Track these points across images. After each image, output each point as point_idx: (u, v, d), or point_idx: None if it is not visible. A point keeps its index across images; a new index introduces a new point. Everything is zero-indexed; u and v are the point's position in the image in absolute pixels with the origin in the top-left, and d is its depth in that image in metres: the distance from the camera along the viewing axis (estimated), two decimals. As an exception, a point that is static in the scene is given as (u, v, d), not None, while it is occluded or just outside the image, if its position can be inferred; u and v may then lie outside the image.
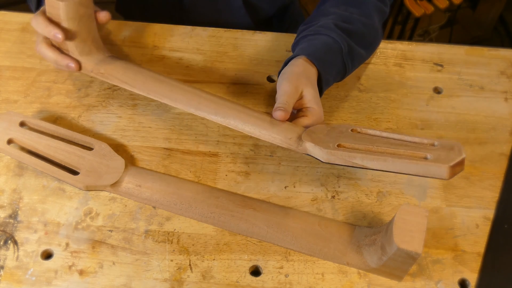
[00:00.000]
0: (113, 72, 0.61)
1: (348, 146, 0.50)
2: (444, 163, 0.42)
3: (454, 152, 0.43)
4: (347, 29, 0.62)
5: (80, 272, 0.53)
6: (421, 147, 0.47)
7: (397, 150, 0.46)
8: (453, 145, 0.45)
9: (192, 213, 0.57)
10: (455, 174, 0.42)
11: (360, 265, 0.54)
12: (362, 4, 0.65)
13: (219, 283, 0.53)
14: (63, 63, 0.60)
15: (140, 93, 0.60)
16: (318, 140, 0.51)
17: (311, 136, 0.53)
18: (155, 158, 0.62)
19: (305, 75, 0.57)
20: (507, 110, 0.69)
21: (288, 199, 0.59)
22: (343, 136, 0.51)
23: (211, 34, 0.76)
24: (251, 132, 0.55)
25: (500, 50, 0.76)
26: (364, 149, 0.49)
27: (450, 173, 0.42)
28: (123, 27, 0.76)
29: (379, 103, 0.69)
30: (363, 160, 0.47)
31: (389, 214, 0.58)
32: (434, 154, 0.44)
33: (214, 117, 0.56)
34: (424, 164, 0.43)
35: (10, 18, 0.76)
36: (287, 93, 0.55)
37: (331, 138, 0.51)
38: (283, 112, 0.54)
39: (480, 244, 0.57)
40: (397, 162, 0.45)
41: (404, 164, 0.45)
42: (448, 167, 0.42)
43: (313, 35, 0.62)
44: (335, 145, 0.50)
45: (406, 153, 0.46)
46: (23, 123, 0.62)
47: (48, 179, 0.59)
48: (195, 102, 0.58)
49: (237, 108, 0.57)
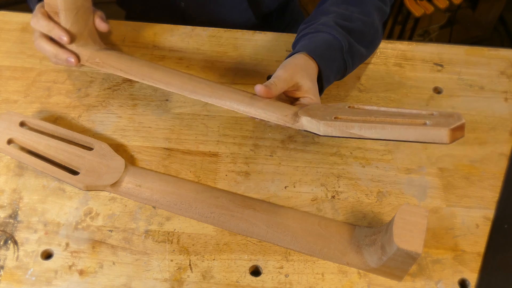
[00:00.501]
0: (108, 61, 0.61)
1: (345, 118, 0.48)
2: (444, 127, 0.41)
3: (454, 118, 0.43)
4: (347, 27, 0.62)
5: (80, 272, 0.53)
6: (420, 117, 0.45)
7: (395, 119, 0.45)
8: (452, 113, 0.44)
9: (192, 213, 0.57)
10: (456, 139, 0.42)
11: (360, 265, 0.54)
12: (362, 3, 0.65)
13: (219, 283, 0.53)
14: (63, 57, 0.61)
15: (135, 79, 0.59)
16: (314, 115, 0.50)
17: (308, 112, 0.51)
18: (155, 158, 0.62)
19: (305, 69, 0.57)
20: (507, 110, 0.69)
21: (288, 199, 0.59)
22: (340, 111, 0.50)
23: (211, 34, 0.76)
24: (247, 111, 0.54)
25: (500, 50, 0.76)
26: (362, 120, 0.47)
27: (450, 136, 0.41)
28: (123, 27, 0.76)
29: (379, 103, 0.69)
30: (361, 129, 0.45)
31: (389, 214, 0.58)
32: (433, 121, 0.43)
33: (209, 99, 0.56)
34: (424, 128, 0.42)
35: (10, 18, 0.76)
36: (279, 76, 0.54)
37: (328, 114, 0.50)
38: (264, 87, 0.52)
39: (480, 244, 0.57)
40: (395, 129, 0.44)
41: (403, 130, 0.43)
42: (448, 129, 0.41)
43: (314, 32, 0.62)
44: (332, 118, 0.48)
45: (404, 121, 0.45)
46: (23, 123, 0.62)
47: (48, 179, 0.59)
48: (190, 86, 0.57)
49: (232, 90, 0.56)
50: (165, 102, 0.67)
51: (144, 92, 0.68)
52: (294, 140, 0.64)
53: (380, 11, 0.67)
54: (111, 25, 0.75)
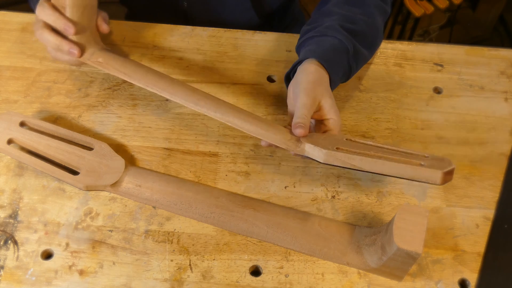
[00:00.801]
0: (111, 62, 0.61)
1: (346, 149, 0.51)
2: (438, 169, 0.46)
3: (445, 163, 0.48)
4: (352, 30, 0.61)
5: (80, 272, 0.53)
6: (414, 157, 0.50)
7: (393, 156, 0.49)
8: (443, 158, 0.49)
9: (192, 213, 0.57)
10: (446, 182, 0.47)
11: (360, 265, 0.54)
12: (364, 4, 0.65)
13: (219, 283, 0.53)
14: (66, 48, 0.59)
15: (139, 84, 0.59)
16: (317, 143, 0.52)
17: (310, 139, 0.53)
18: (155, 158, 0.62)
19: (320, 83, 0.57)
20: (507, 110, 0.69)
21: (288, 199, 0.59)
22: (340, 143, 0.52)
23: (211, 34, 0.76)
24: (250, 131, 0.55)
25: (500, 50, 0.76)
26: (362, 153, 0.50)
27: (443, 178, 0.46)
28: (123, 27, 0.76)
29: (379, 103, 0.69)
30: (362, 162, 0.49)
31: (389, 214, 0.58)
32: (427, 162, 0.48)
33: (213, 113, 0.56)
34: (420, 168, 0.47)
35: (10, 18, 0.76)
36: (306, 105, 0.54)
37: (329, 143, 0.52)
38: (302, 130, 0.53)
39: (480, 244, 0.57)
40: (394, 166, 0.48)
41: (401, 168, 0.48)
42: (442, 172, 0.46)
43: (320, 36, 0.61)
44: (334, 148, 0.51)
45: (401, 159, 0.49)
46: (23, 123, 0.62)
47: (48, 179, 0.59)
48: (195, 98, 0.57)
49: (237, 108, 0.57)
50: (165, 102, 0.67)
51: (144, 92, 0.68)
52: (294, 140, 0.64)
53: (382, 11, 0.67)
54: (111, 25, 0.75)
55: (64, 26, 0.58)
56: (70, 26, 0.58)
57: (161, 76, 0.60)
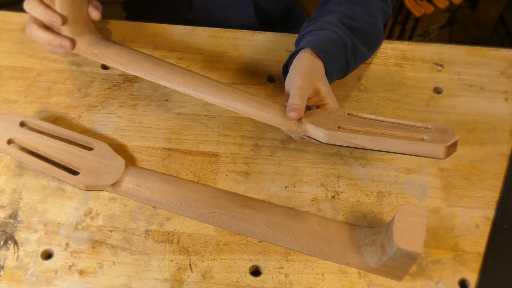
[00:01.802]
0: (107, 53, 0.60)
1: (348, 127, 0.50)
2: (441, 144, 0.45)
3: (448, 134, 0.47)
4: (351, 26, 0.62)
5: (80, 272, 0.53)
6: (416, 129, 0.49)
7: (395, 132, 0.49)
8: (446, 128, 0.48)
9: (192, 213, 0.57)
10: (450, 155, 0.46)
11: (360, 265, 0.54)
12: (366, 4, 0.65)
13: (219, 283, 0.53)
14: (56, 42, 0.59)
15: (136, 74, 0.59)
16: (318, 122, 0.51)
17: (311, 118, 0.52)
18: (155, 158, 0.62)
19: (316, 70, 0.57)
20: (507, 110, 0.69)
21: (288, 199, 0.59)
22: (341, 119, 0.52)
23: (211, 34, 0.76)
24: (251, 114, 0.54)
25: (500, 50, 0.76)
26: (364, 131, 0.50)
27: (446, 152, 0.45)
28: (123, 27, 0.75)
29: (379, 103, 0.69)
30: (364, 140, 0.48)
31: (389, 214, 0.58)
32: (430, 136, 0.47)
33: (213, 99, 0.56)
34: (422, 144, 0.46)
35: (10, 18, 0.76)
36: (300, 87, 0.54)
37: (330, 121, 0.51)
38: (296, 113, 0.52)
39: (480, 244, 0.57)
40: (396, 142, 0.47)
41: (403, 144, 0.47)
42: (445, 147, 0.45)
43: (318, 30, 0.62)
44: (335, 127, 0.50)
45: (404, 134, 0.48)
46: (23, 123, 0.62)
47: (48, 179, 0.59)
48: (194, 84, 0.56)
49: (236, 91, 0.56)
50: (165, 102, 0.67)
51: (144, 92, 0.68)
52: (294, 140, 0.64)
53: (383, 12, 0.67)
54: (111, 25, 0.75)
55: (51, 18, 0.57)
56: (56, 17, 0.57)
57: (157, 63, 0.59)
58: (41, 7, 0.57)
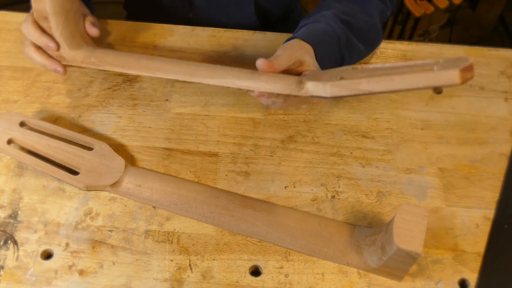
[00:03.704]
0: (104, 58, 0.61)
1: (350, 77, 0.47)
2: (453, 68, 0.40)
3: (461, 60, 0.42)
4: (346, 21, 0.62)
5: (80, 272, 0.53)
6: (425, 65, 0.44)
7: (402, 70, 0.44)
8: (458, 57, 0.43)
9: (192, 213, 0.57)
10: (467, 80, 0.41)
11: (360, 265, 0.54)
12: (364, 3, 0.65)
13: (219, 283, 0.53)
14: (51, 68, 0.61)
15: (133, 72, 0.59)
16: (319, 79, 0.49)
17: (312, 77, 0.51)
18: (155, 158, 0.62)
19: (300, 46, 0.56)
20: (507, 110, 0.69)
21: (288, 199, 0.59)
22: (345, 73, 0.49)
23: (211, 34, 0.76)
24: (250, 86, 0.53)
25: (500, 50, 0.76)
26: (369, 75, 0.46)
27: (461, 77, 0.40)
28: (123, 27, 0.76)
29: (379, 103, 0.69)
30: (369, 84, 0.44)
31: (389, 214, 0.58)
32: (440, 65, 0.42)
33: (210, 80, 0.55)
34: (433, 73, 0.41)
35: (10, 18, 0.76)
36: (279, 55, 0.53)
37: (333, 76, 0.49)
38: (267, 61, 0.51)
39: (480, 244, 0.57)
40: (404, 78, 0.43)
41: (412, 78, 0.42)
42: (458, 70, 0.40)
43: (312, 23, 0.62)
44: (337, 79, 0.47)
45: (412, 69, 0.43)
46: (23, 123, 0.62)
47: (48, 179, 0.59)
48: (190, 70, 0.56)
49: (232, 68, 0.56)
50: (165, 102, 0.67)
51: (144, 92, 0.68)
52: (294, 140, 0.64)
53: (381, 12, 0.67)
54: (111, 25, 0.75)
55: (47, 43, 0.59)
56: (50, 42, 0.59)
57: (153, 58, 0.60)
58: (38, 32, 0.59)
